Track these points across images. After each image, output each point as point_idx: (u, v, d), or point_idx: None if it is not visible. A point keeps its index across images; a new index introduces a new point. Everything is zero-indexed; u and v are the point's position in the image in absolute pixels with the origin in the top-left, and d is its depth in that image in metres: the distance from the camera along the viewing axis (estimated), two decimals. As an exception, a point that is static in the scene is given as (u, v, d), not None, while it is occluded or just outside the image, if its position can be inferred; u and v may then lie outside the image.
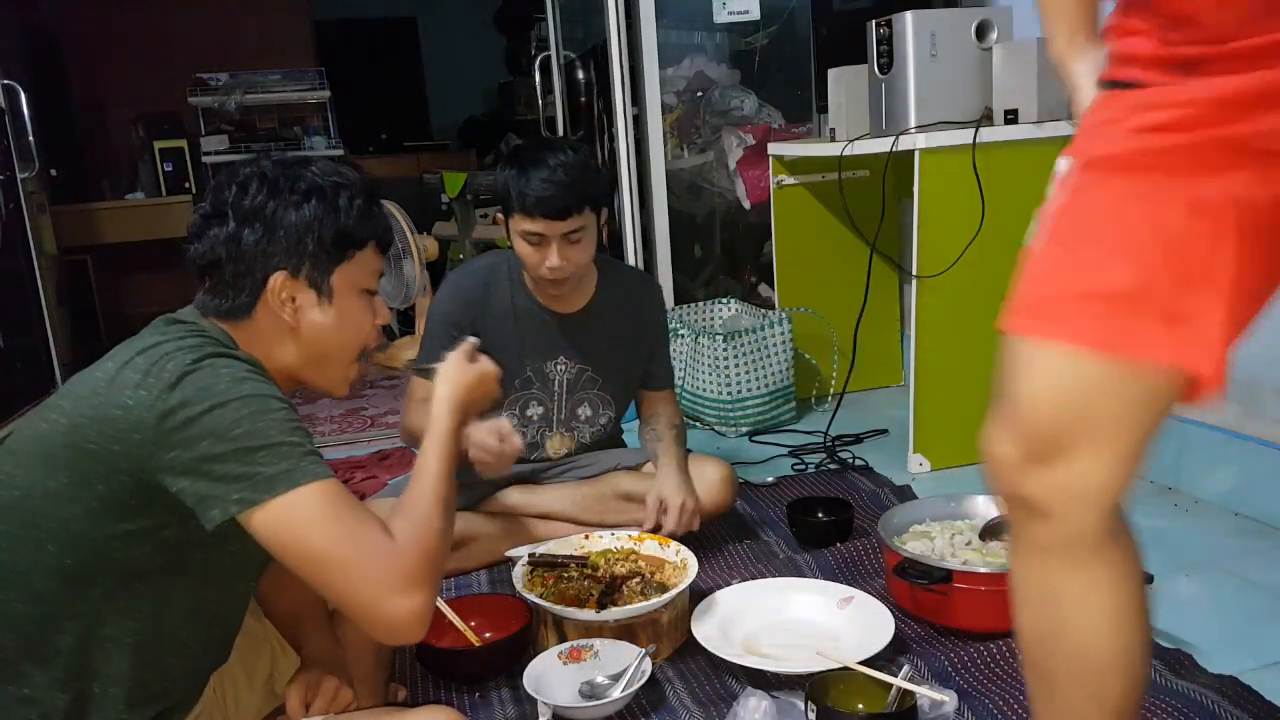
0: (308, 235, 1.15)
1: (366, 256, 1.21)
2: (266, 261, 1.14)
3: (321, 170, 1.19)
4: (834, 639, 1.63)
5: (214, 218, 1.15)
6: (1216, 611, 1.74)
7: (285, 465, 1.02)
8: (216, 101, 5.55)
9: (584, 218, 1.85)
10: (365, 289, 1.22)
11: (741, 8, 3.30)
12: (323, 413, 3.65)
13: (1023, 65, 2.39)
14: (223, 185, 1.17)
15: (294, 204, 1.15)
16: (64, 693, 1.06)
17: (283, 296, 1.15)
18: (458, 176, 4.73)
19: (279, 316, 1.16)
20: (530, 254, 1.88)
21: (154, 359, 1.04)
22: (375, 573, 1.03)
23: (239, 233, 1.14)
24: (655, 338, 2.12)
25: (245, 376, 1.06)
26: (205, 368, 1.04)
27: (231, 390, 1.03)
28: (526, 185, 1.81)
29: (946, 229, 2.40)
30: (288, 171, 1.17)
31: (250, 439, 1.01)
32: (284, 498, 1.01)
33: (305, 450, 1.04)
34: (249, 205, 1.14)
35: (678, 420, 2.10)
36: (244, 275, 1.15)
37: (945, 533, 1.82)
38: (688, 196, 3.47)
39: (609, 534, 1.86)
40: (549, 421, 2.10)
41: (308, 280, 1.17)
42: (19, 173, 3.71)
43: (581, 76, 3.99)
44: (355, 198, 1.19)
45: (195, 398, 1.01)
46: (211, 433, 1.00)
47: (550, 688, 1.48)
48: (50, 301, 3.89)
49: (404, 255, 4.29)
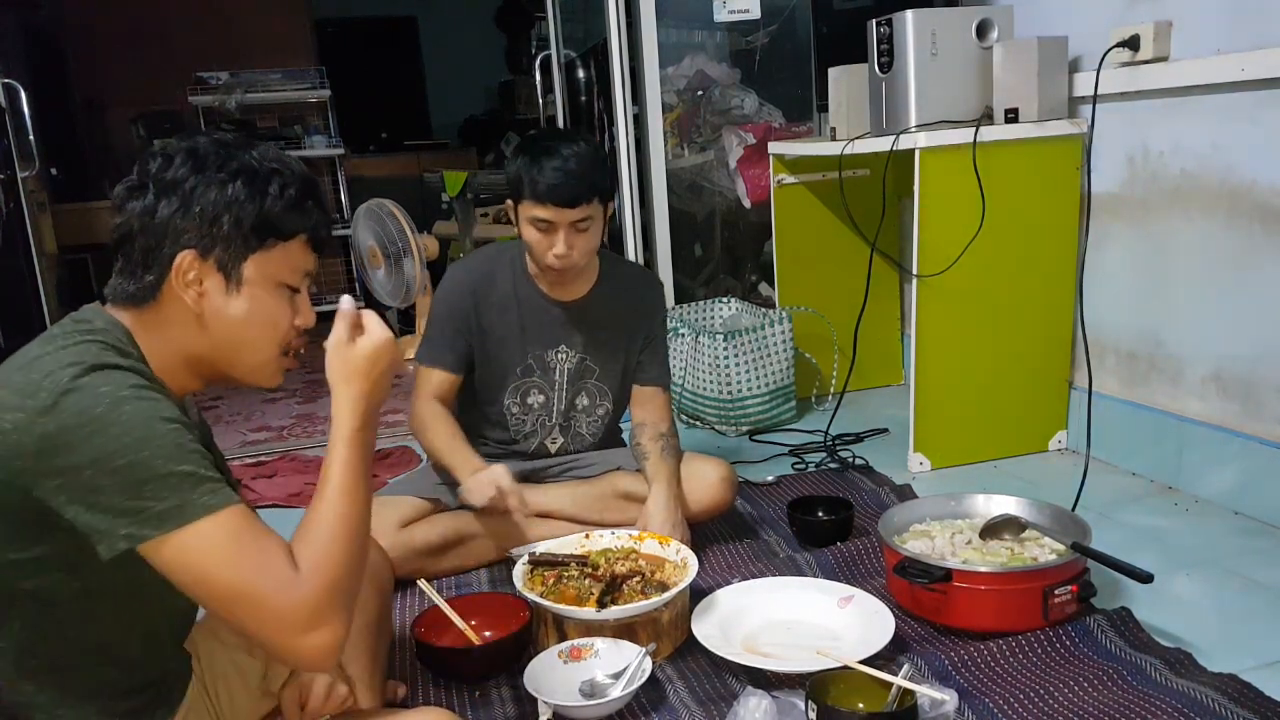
0: (224, 215, 1.07)
1: (292, 250, 1.13)
2: (176, 238, 1.07)
3: (261, 154, 1.12)
4: (834, 638, 1.63)
5: (136, 189, 1.08)
6: (1216, 611, 1.74)
7: (175, 500, 0.95)
8: (217, 100, 5.55)
9: (592, 208, 1.88)
10: (284, 284, 1.14)
11: (742, 6, 3.30)
12: (323, 412, 3.65)
13: (1023, 64, 2.39)
14: (149, 157, 1.10)
15: (218, 182, 1.08)
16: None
17: (189, 278, 1.08)
18: (458, 175, 4.73)
19: (184, 301, 1.09)
20: (538, 241, 1.89)
21: (31, 376, 0.98)
22: (279, 611, 0.98)
23: (155, 205, 1.07)
24: (652, 332, 2.13)
25: (127, 395, 0.97)
26: (83, 387, 0.96)
27: (110, 415, 0.95)
28: (539, 173, 1.84)
29: (946, 228, 2.40)
30: (221, 150, 1.10)
31: (134, 470, 0.94)
32: (177, 535, 0.95)
33: (197, 479, 0.97)
34: (169, 177, 1.07)
35: (665, 427, 2.08)
36: (152, 250, 1.07)
37: (945, 532, 1.82)
38: (688, 195, 3.47)
39: (609, 533, 1.86)
40: (549, 410, 2.10)
41: (216, 263, 1.09)
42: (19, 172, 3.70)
43: (582, 75, 3.99)
44: (288, 187, 1.11)
45: (72, 423, 0.94)
46: (93, 462, 0.94)
47: (550, 687, 1.48)
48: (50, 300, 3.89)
49: (404, 254, 4.29)
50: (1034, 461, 2.56)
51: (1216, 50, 2.09)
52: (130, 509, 0.95)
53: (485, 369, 2.05)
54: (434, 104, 7.65)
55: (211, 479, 0.99)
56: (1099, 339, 2.50)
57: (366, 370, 1.13)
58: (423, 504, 2.01)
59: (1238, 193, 2.10)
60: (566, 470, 2.16)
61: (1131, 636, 1.61)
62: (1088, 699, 1.43)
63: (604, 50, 3.32)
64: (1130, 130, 2.35)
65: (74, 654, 1.07)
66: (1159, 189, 2.30)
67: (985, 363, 2.52)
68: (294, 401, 3.84)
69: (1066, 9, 2.50)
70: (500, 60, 6.94)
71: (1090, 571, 1.66)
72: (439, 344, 2.02)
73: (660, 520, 1.90)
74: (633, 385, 2.14)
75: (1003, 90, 2.44)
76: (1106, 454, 2.45)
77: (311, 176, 1.16)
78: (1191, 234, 2.22)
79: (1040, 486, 2.35)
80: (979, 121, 2.43)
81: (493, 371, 2.05)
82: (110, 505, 0.95)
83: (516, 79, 6.49)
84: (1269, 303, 2.05)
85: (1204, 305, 2.22)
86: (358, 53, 7.17)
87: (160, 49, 5.69)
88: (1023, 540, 1.75)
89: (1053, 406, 2.60)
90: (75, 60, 5.65)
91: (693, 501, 2.02)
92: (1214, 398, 2.21)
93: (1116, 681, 1.47)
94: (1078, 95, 2.44)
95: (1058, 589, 1.60)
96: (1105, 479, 2.35)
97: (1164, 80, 2.21)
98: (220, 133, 1.14)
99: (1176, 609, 1.73)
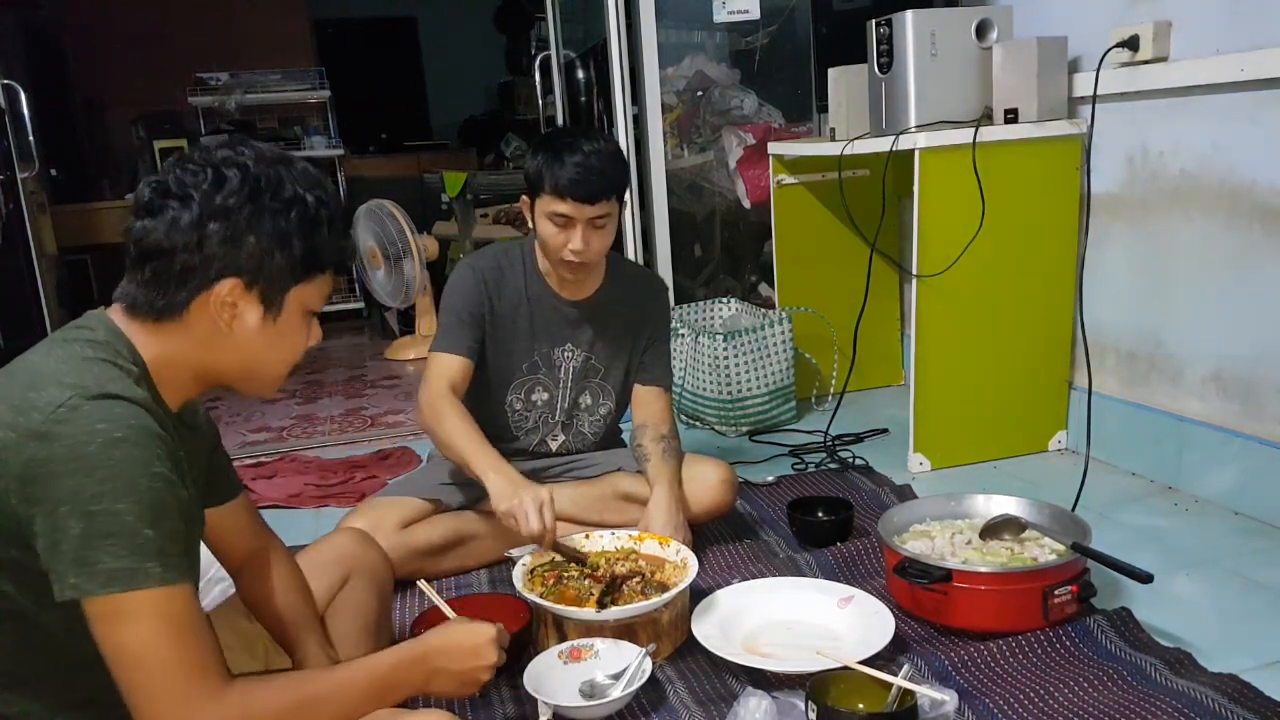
0: (277, 250, 1.06)
1: (324, 280, 1.14)
2: (224, 265, 1.05)
3: (302, 178, 1.09)
4: (834, 638, 1.63)
5: (175, 198, 1.04)
6: (1216, 611, 1.74)
7: (128, 563, 0.94)
8: (217, 101, 5.56)
9: (611, 205, 1.89)
10: (310, 310, 1.14)
11: (742, 7, 3.30)
12: (323, 412, 3.66)
13: (1023, 64, 2.39)
14: (194, 166, 1.06)
15: (271, 212, 1.05)
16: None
17: (226, 301, 1.06)
18: (458, 176, 4.73)
19: (214, 320, 1.07)
20: (554, 235, 1.89)
21: (29, 395, 0.97)
22: (162, 712, 0.96)
23: (202, 226, 1.03)
24: (655, 333, 2.13)
25: (121, 439, 0.95)
26: (79, 418, 0.95)
27: (100, 455, 0.94)
28: (561, 168, 1.84)
29: (946, 228, 2.40)
30: (269, 172, 1.07)
31: (105, 520, 0.93)
32: (116, 598, 0.94)
33: (156, 548, 0.95)
34: (221, 201, 1.04)
35: (666, 429, 2.07)
36: (192, 271, 1.04)
37: (945, 532, 1.82)
38: (688, 196, 3.47)
39: (609, 533, 1.86)
40: (552, 408, 2.11)
41: (260, 294, 1.08)
42: (19, 172, 3.70)
43: (581, 76, 3.99)
44: (335, 219, 1.11)
45: (62, 455, 0.93)
46: (72, 498, 0.93)
47: (550, 687, 1.48)
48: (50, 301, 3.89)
49: (404, 255, 4.29)
50: (1034, 461, 2.56)
51: (1216, 50, 2.09)
52: (85, 559, 0.93)
53: (492, 363, 2.04)
54: (434, 104, 7.65)
55: (174, 552, 0.97)
56: (1099, 339, 2.50)
57: (462, 653, 1.22)
58: (423, 505, 2.01)
59: (1238, 193, 2.10)
60: (567, 471, 2.16)
61: (1131, 636, 1.61)
62: (1088, 699, 1.43)
63: (604, 51, 3.32)
64: (1130, 130, 2.35)
65: (64, 664, 1.06)
66: (1159, 189, 2.30)
67: (985, 363, 2.52)
68: (294, 402, 3.85)
69: (1066, 9, 2.50)
70: (500, 61, 6.95)
71: (1090, 572, 1.66)
72: (455, 330, 1.98)
73: (662, 522, 1.89)
74: (635, 385, 2.14)
75: (1002, 90, 2.44)
76: (1106, 454, 2.45)
77: (340, 200, 1.16)
78: (1191, 234, 2.22)
79: (1040, 486, 2.35)
80: (979, 122, 2.43)
81: (499, 366, 2.05)
82: (68, 551, 0.93)
83: (516, 79, 6.49)
84: (1269, 303, 2.05)
85: (1204, 305, 2.22)
86: (357, 53, 7.18)
87: (160, 49, 5.69)
88: (1023, 540, 1.75)
89: (1052, 406, 2.60)
90: (75, 60, 5.66)
91: (693, 503, 2.02)
92: (1214, 398, 2.21)
93: (1116, 681, 1.47)
94: (1077, 95, 2.44)
95: (1058, 589, 1.60)
96: (1105, 479, 2.35)
97: (1164, 80, 2.21)
98: (257, 144, 1.11)
99: (1176, 609, 1.73)
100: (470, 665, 1.23)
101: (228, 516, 1.31)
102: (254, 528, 1.35)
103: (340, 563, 1.55)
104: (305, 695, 1.06)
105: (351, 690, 1.11)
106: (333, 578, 1.51)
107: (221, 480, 1.30)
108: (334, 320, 5.79)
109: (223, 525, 1.30)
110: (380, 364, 4.55)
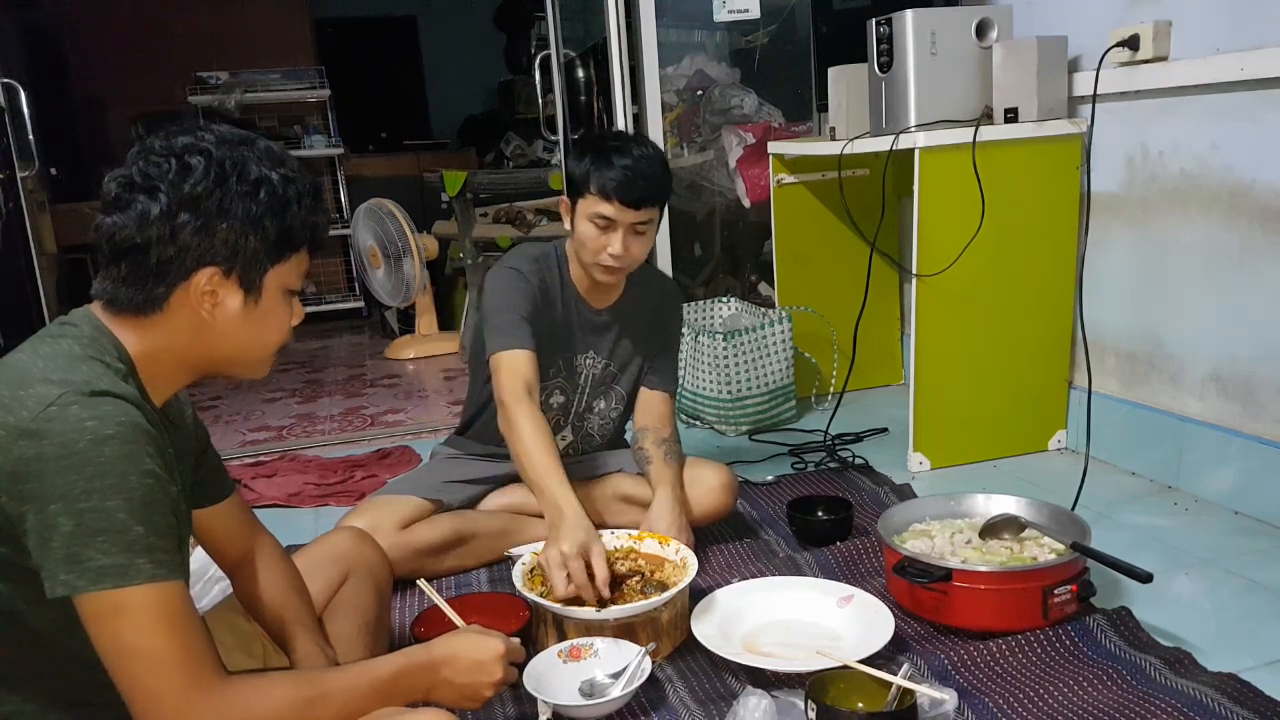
0: (250, 234, 1.05)
1: (301, 257, 1.13)
2: (199, 255, 1.04)
3: (266, 157, 1.08)
4: (834, 638, 1.63)
5: (142, 190, 1.03)
6: (1216, 611, 1.74)
7: (119, 559, 0.94)
8: (216, 100, 5.55)
9: (652, 212, 1.88)
10: (290, 289, 1.14)
11: (741, 6, 3.30)
12: (323, 412, 3.66)
13: (1023, 64, 2.39)
14: (157, 157, 1.04)
15: (240, 196, 1.04)
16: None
17: (205, 290, 1.06)
18: (458, 175, 4.72)
19: (196, 310, 1.07)
20: (595, 237, 1.88)
21: (17, 393, 0.96)
22: (161, 707, 0.97)
23: (174, 216, 1.02)
24: (669, 338, 2.13)
25: (111, 435, 0.95)
26: (68, 416, 0.95)
27: (90, 453, 0.94)
28: (608, 170, 1.83)
29: (946, 228, 2.40)
30: (233, 154, 1.05)
31: (95, 518, 0.93)
32: (109, 594, 0.94)
33: (147, 544, 0.95)
34: (190, 190, 1.02)
35: (668, 432, 2.06)
36: (169, 264, 1.04)
37: (945, 531, 1.82)
38: (688, 195, 3.47)
39: (609, 533, 1.86)
40: (566, 411, 2.10)
41: (239, 280, 1.07)
42: (19, 171, 3.70)
43: (581, 75, 3.98)
44: (304, 195, 1.10)
45: (52, 453, 0.93)
46: (61, 497, 0.93)
47: (550, 686, 1.48)
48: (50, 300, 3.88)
49: (404, 254, 4.29)
50: (1034, 461, 2.56)
51: (1216, 50, 2.09)
52: (76, 556, 0.93)
53: None
54: (434, 104, 7.64)
55: (166, 548, 0.97)
56: (1099, 339, 2.50)
57: (470, 665, 1.22)
58: (424, 504, 2.00)
59: (1237, 193, 2.10)
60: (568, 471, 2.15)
61: (1131, 636, 1.61)
62: (1088, 699, 1.43)
63: (604, 50, 3.32)
64: (1130, 130, 2.35)
65: (56, 663, 1.06)
66: (1158, 189, 2.30)
67: (985, 362, 2.52)
68: (294, 401, 3.84)
69: (1066, 9, 2.50)
70: (500, 60, 6.94)
71: (1090, 571, 1.66)
72: (518, 327, 1.90)
73: (665, 525, 1.89)
74: (640, 388, 2.14)
75: (1002, 90, 2.44)
76: (1106, 454, 2.45)
77: (312, 176, 1.15)
78: (1191, 234, 2.22)
79: (1040, 486, 2.35)
80: (978, 121, 2.43)
81: None
82: (59, 548, 0.93)
83: (516, 79, 6.48)
84: (1269, 303, 2.05)
85: (1204, 305, 2.22)
86: (357, 53, 7.17)
87: (160, 49, 5.68)
88: (1022, 540, 1.75)
89: (1052, 406, 2.60)
90: (75, 60, 5.65)
91: (694, 507, 2.02)
92: (1214, 398, 2.21)
93: (1116, 681, 1.47)
94: (1077, 95, 2.44)
95: (1057, 589, 1.60)
96: (1105, 479, 2.35)
97: (1163, 80, 2.21)
98: (216, 126, 1.11)
99: (1176, 609, 1.73)
100: (474, 679, 1.23)
101: (221, 516, 1.31)
102: (248, 526, 1.35)
103: (339, 561, 1.55)
104: (305, 695, 1.06)
105: (352, 694, 1.11)
106: (331, 577, 1.51)
107: (214, 481, 1.30)
108: (334, 320, 5.79)
109: (217, 525, 1.30)
110: (380, 363, 4.55)
